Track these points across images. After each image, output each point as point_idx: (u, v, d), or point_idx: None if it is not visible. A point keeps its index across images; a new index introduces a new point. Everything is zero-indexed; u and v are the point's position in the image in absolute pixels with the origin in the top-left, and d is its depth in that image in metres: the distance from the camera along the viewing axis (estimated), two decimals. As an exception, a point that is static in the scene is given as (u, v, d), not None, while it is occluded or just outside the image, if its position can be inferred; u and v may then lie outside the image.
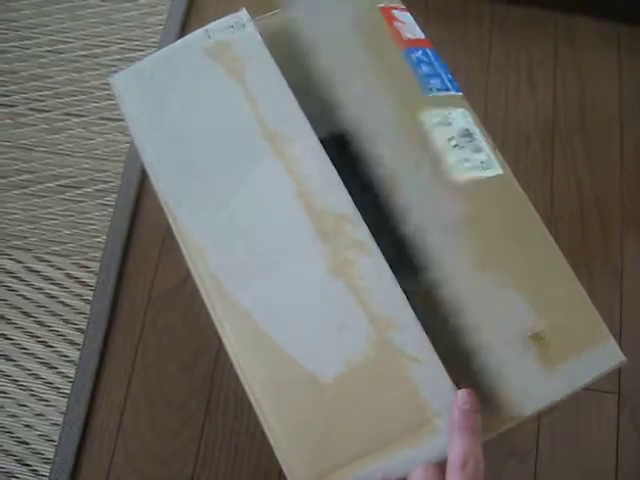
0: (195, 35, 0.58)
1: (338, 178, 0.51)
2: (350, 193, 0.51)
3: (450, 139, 0.54)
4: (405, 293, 0.48)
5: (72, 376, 0.94)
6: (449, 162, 0.53)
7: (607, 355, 0.51)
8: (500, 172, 0.54)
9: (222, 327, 0.55)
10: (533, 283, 0.52)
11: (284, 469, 0.50)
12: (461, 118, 0.56)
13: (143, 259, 0.99)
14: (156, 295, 0.98)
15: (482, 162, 0.54)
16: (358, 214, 0.50)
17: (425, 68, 0.57)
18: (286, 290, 0.52)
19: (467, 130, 0.55)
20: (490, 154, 0.55)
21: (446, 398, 0.46)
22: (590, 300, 0.52)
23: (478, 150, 0.54)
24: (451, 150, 0.54)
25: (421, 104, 0.56)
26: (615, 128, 1.09)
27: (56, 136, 1.06)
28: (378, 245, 0.49)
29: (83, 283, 0.98)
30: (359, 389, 0.48)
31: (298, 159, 0.52)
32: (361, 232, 0.50)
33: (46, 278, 0.99)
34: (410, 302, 0.48)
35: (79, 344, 0.95)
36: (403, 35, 0.59)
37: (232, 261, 0.54)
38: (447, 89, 0.58)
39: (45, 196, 1.03)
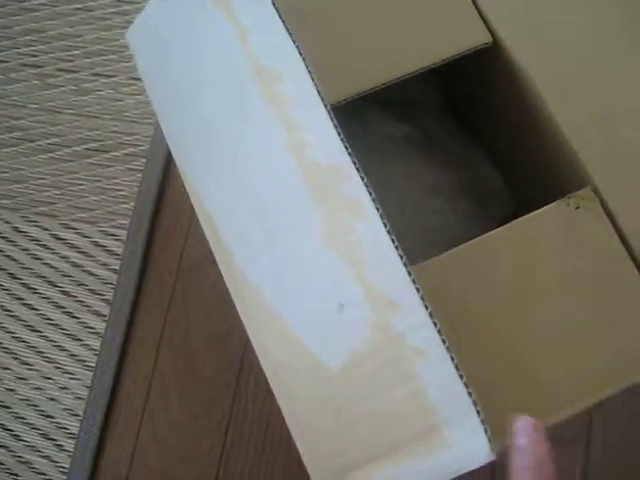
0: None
1: (329, 121, 0.43)
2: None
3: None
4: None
5: (97, 349, 0.90)
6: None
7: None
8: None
9: (237, 303, 0.51)
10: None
11: (304, 461, 0.46)
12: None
13: (173, 227, 0.95)
14: (186, 265, 0.93)
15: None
16: (352, 164, 0.42)
17: None
18: (289, 264, 0.46)
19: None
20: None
21: (456, 403, 0.39)
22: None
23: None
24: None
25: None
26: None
27: (84, 98, 1.01)
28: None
29: (110, 252, 0.94)
30: (365, 383, 0.42)
31: (288, 101, 0.45)
32: (355, 188, 0.42)
33: (72, 246, 0.95)
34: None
35: (105, 315, 0.91)
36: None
37: (239, 231, 0.49)
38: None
39: (72, 160, 0.99)
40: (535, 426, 0.39)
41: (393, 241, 0.41)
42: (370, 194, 0.42)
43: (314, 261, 0.45)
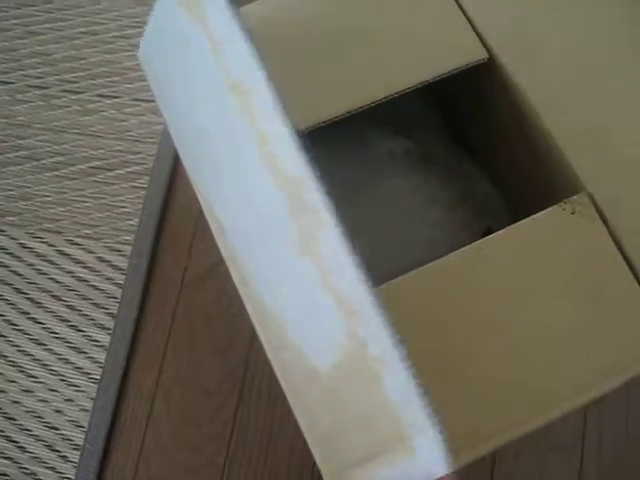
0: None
1: (291, 136, 0.44)
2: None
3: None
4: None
5: (102, 361, 0.92)
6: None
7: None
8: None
9: (247, 306, 0.53)
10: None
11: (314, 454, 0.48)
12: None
13: (176, 242, 0.97)
14: (189, 279, 0.95)
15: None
16: (310, 174, 0.43)
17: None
18: (276, 271, 0.48)
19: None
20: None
21: (415, 414, 0.39)
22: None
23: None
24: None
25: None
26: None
27: (88, 118, 1.04)
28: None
29: (114, 267, 0.96)
30: (345, 389, 0.44)
31: (258, 115, 0.47)
32: (315, 198, 0.43)
33: (77, 261, 0.97)
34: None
35: (110, 329, 0.93)
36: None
37: (243, 236, 0.51)
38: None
39: (77, 178, 1.01)
40: None
41: (349, 249, 0.41)
42: (327, 203, 0.42)
43: (295, 269, 0.46)
